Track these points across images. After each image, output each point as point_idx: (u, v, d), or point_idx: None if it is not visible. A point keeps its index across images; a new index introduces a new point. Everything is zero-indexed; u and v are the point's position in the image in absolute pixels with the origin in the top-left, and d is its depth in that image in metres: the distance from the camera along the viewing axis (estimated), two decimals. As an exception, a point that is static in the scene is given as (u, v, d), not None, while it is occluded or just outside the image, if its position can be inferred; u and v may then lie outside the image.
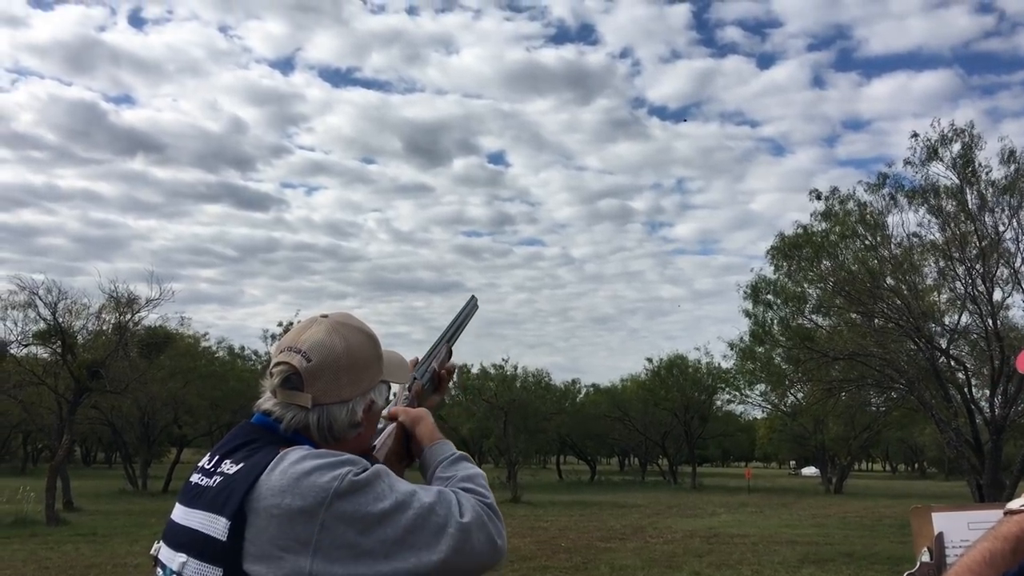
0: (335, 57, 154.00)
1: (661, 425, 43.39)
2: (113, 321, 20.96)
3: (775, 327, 21.86)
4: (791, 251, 19.86)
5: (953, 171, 17.23)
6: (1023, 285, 17.32)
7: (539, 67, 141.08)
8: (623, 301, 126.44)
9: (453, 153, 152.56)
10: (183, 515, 1.34)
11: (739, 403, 40.51)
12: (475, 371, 35.83)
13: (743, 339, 24.64)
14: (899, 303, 17.74)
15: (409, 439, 1.60)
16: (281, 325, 29.80)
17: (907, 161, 17.67)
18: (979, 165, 17.07)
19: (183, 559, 1.28)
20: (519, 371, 35.28)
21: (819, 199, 19.12)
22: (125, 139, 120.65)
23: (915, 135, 17.43)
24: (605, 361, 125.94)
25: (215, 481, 1.31)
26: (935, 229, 18.05)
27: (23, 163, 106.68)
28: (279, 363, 1.38)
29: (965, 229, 17.34)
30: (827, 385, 21.86)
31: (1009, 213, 17.07)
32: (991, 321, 17.24)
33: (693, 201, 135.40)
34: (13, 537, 15.23)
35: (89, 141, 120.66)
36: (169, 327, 26.00)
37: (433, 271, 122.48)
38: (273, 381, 1.39)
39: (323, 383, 1.36)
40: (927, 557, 1.52)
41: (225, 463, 1.33)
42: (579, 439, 49.62)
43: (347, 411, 1.39)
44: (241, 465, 1.30)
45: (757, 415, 47.76)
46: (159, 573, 1.35)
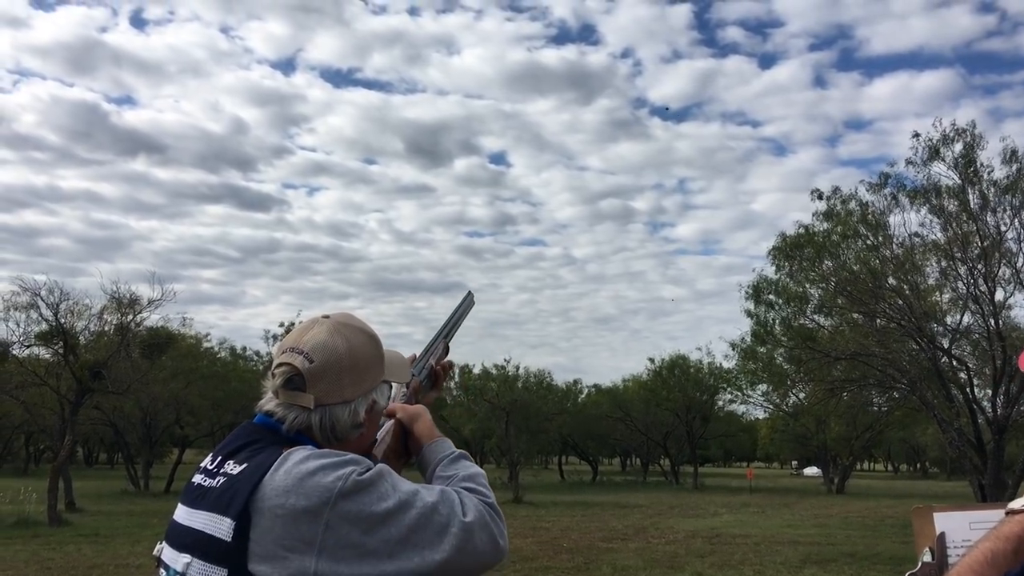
0: (336, 58, 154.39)
1: (663, 425, 43.35)
2: (115, 322, 20.98)
3: (777, 327, 21.84)
4: (793, 251, 19.85)
5: (955, 171, 17.24)
6: (1025, 285, 17.33)
7: (540, 67, 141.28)
8: (625, 301, 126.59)
9: (454, 153, 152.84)
10: (186, 516, 1.34)
11: (741, 403, 40.53)
12: (477, 371, 35.87)
13: (745, 339, 24.61)
14: (901, 303, 17.73)
15: (407, 436, 1.60)
16: (283, 326, 29.87)
17: (909, 161, 17.70)
18: (981, 165, 17.09)
19: (187, 560, 1.28)
20: (521, 371, 35.31)
21: (821, 199, 19.14)
22: (127, 140, 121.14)
23: (917, 135, 17.46)
24: (607, 361, 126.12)
25: (218, 482, 1.31)
26: (937, 229, 18.08)
27: (25, 164, 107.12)
28: (281, 364, 1.38)
29: (967, 229, 17.34)
30: (829, 385, 21.86)
31: (1011, 213, 17.09)
32: (993, 321, 17.24)
33: (695, 201, 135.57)
34: (15, 538, 15.25)
35: (91, 142, 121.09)
36: (171, 328, 26.07)
37: (435, 271, 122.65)
38: (275, 382, 1.38)
39: (325, 384, 1.36)
40: (929, 557, 1.52)
41: (228, 464, 1.33)
42: (581, 439, 49.58)
43: (349, 411, 1.39)
44: (245, 466, 1.30)
45: (759, 415, 47.76)
46: (162, 574, 1.35)
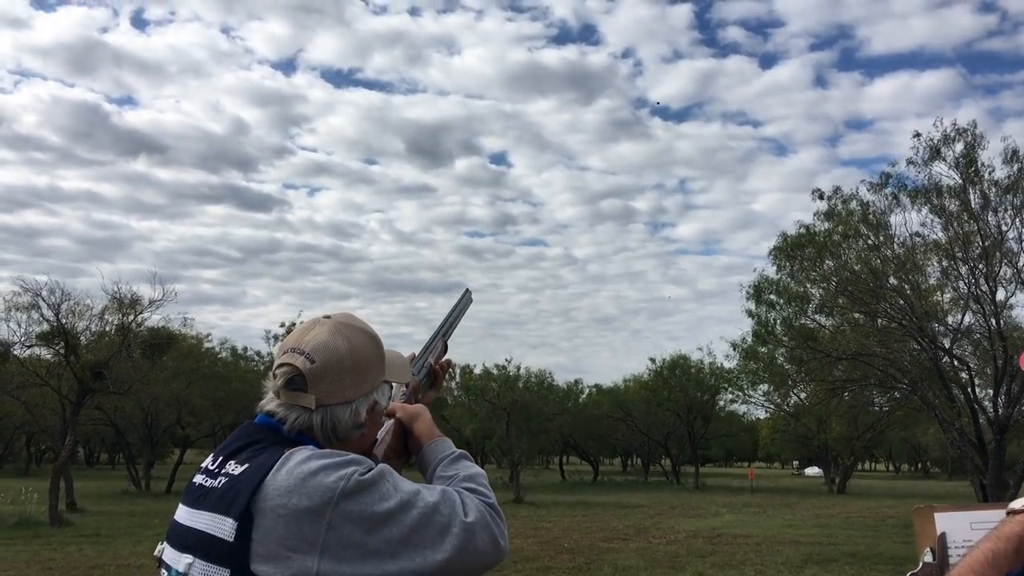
0: (337, 58, 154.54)
1: (664, 425, 43.34)
2: (116, 322, 20.99)
3: (778, 327, 21.82)
4: (794, 251, 19.84)
5: (956, 171, 17.23)
6: (1026, 285, 17.32)
7: (541, 67, 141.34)
8: (626, 301, 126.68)
9: (455, 154, 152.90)
10: (188, 516, 1.34)
11: (742, 403, 40.52)
12: (478, 372, 35.86)
13: (746, 339, 24.60)
14: (902, 303, 17.72)
15: (407, 435, 1.59)
16: (283, 326, 29.84)
17: (910, 161, 17.69)
18: (982, 165, 17.08)
19: (189, 560, 1.28)
20: (522, 371, 35.32)
21: (822, 199, 19.14)
22: (128, 140, 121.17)
23: (918, 135, 17.46)
24: (608, 361, 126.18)
25: (220, 482, 1.31)
26: (938, 229, 18.07)
27: (26, 164, 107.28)
28: (282, 364, 1.38)
29: (968, 229, 17.33)
30: (830, 385, 21.86)
31: (1012, 213, 17.07)
32: (994, 321, 17.22)
33: (695, 201, 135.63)
34: (17, 538, 15.26)
35: (92, 142, 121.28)
36: (172, 328, 26.08)
37: (436, 272, 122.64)
38: (276, 382, 1.38)
39: (327, 384, 1.36)
40: (930, 557, 1.52)
41: (230, 464, 1.32)
42: (582, 439, 49.56)
43: (351, 412, 1.39)
44: (246, 466, 1.30)
45: (760, 415, 47.73)
46: (164, 574, 1.35)
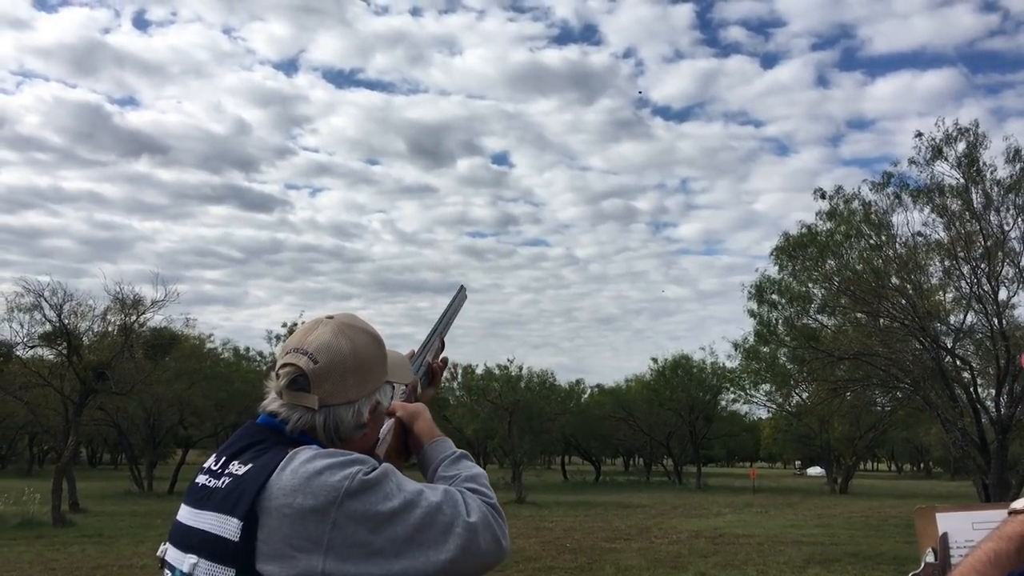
0: (339, 58, 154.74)
1: (666, 425, 43.33)
2: (118, 323, 21.01)
3: (780, 327, 21.82)
4: (795, 251, 19.83)
5: (958, 170, 17.23)
6: (1029, 284, 17.30)
7: (542, 68, 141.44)
8: (627, 301, 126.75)
9: (457, 154, 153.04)
10: (191, 516, 1.34)
11: (744, 403, 40.55)
12: (480, 372, 35.84)
13: (748, 339, 24.60)
14: (904, 302, 17.71)
15: (407, 435, 1.59)
16: (285, 326, 29.88)
17: (912, 160, 17.70)
18: (984, 164, 17.08)
19: (194, 560, 1.28)
20: (524, 372, 35.33)
21: (823, 198, 19.14)
22: (130, 141, 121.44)
23: (919, 134, 17.46)
24: (610, 361, 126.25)
25: (224, 482, 1.31)
26: (940, 228, 18.06)
27: (28, 165, 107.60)
28: (285, 364, 1.38)
29: (970, 228, 17.33)
30: (832, 385, 21.85)
31: (1014, 212, 17.06)
32: (996, 320, 17.20)
33: (697, 201, 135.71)
34: (19, 538, 15.28)
35: (94, 143, 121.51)
36: (174, 328, 26.20)
37: (437, 272, 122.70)
38: (279, 383, 1.38)
39: (330, 384, 1.36)
40: (932, 557, 1.52)
41: (233, 464, 1.33)
42: (584, 439, 49.56)
43: (353, 412, 1.39)
44: (250, 466, 1.30)
45: (762, 415, 47.75)
46: (167, 574, 1.35)
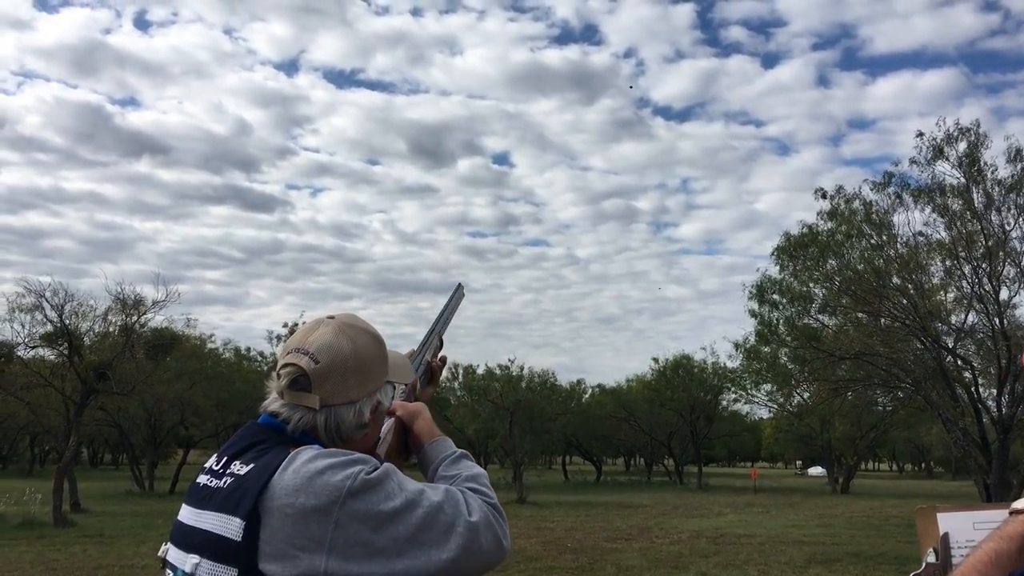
0: (339, 59, 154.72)
1: (667, 425, 43.32)
2: (119, 323, 21.01)
3: (781, 327, 21.81)
4: (797, 250, 19.83)
5: (959, 170, 17.22)
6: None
7: (543, 68, 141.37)
8: (628, 301, 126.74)
9: (458, 154, 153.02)
10: (192, 516, 1.34)
11: (745, 403, 40.54)
12: (481, 372, 35.85)
13: (749, 339, 24.58)
14: (905, 302, 17.70)
15: (407, 434, 1.59)
16: (286, 326, 29.91)
17: (913, 160, 17.69)
18: (985, 164, 17.08)
19: (196, 560, 1.28)
20: (525, 372, 35.31)
21: (824, 198, 19.13)
22: (131, 141, 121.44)
23: (920, 134, 17.46)
24: (611, 361, 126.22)
25: (226, 482, 1.31)
26: (941, 228, 18.06)
27: (29, 166, 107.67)
28: (287, 364, 1.38)
29: (971, 228, 17.32)
30: (833, 385, 21.84)
31: (1016, 212, 17.05)
32: (998, 320, 17.20)
33: (698, 201, 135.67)
34: (21, 539, 15.29)
35: (95, 143, 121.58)
36: (175, 329, 26.17)
37: (438, 272, 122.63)
38: (281, 383, 1.38)
39: (331, 384, 1.36)
40: (933, 558, 1.52)
41: (235, 464, 1.33)
42: (585, 439, 49.55)
43: (354, 412, 1.39)
44: (252, 466, 1.30)
45: (763, 415, 47.75)
46: (169, 574, 1.35)
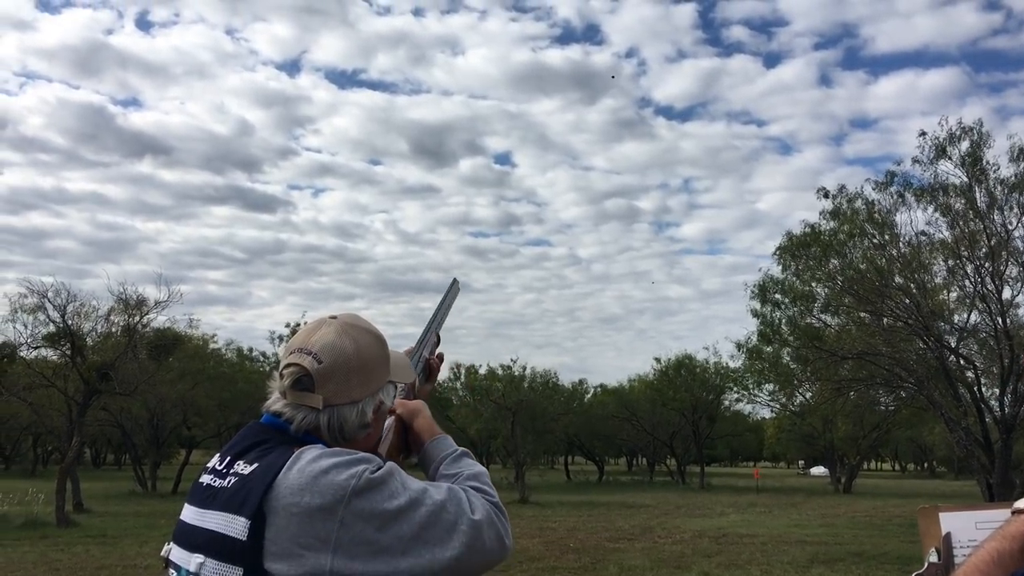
0: (341, 59, 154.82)
1: (669, 425, 43.29)
2: (122, 323, 21.03)
3: (783, 326, 21.80)
4: (799, 250, 19.80)
5: (962, 169, 17.19)
6: (1033, 283, 17.27)
7: (545, 68, 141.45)
8: (630, 301, 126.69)
9: (459, 154, 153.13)
10: (196, 516, 1.34)
11: (747, 403, 40.57)
12: (483, 372, 35.83)
13: (751, 339, 24.56)
14: (908, 302, 17.69)
15: (407, 432, 1.60)
16: (288, 326, 29.97)
17: (915, 159, 17.66)
18: (988, 163, 17.05)
19: (200, 560, 1.28)
20: (527, 372, 35.28)
21: (827, 198, 19.11)
22: (133, 142, 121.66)
23: (923, 133, 17.42)
24: (613, 361, 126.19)
25: (230, 482, 1.32)
26: (944, 227, 18.03)
27: (32, 166, 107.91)
28: (290, 364, 1.38)
29: (974, 227, 17.29)
30: (836, 384, 21.82)
31: (1019, 211, 17.03)
32: (1000, 319, 17.18)
33: (700, 201, 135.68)
34: (24, 539, 15.31)
35: (97, 144, 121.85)
36: (178, 329, 26.19)
37: (440, 272, 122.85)
38: (283, 383, 1.38)
39: (334, 384, 1.37)
40: (935, 557, 1.52)
41: (238, 464, 1.33)
42: (587, 439, 49.54)
43: (357, 412, 1.40)
44: (256, 465, 1.30)
45: (765, 415, 47.76)
46: (172, 574, 1.35)
